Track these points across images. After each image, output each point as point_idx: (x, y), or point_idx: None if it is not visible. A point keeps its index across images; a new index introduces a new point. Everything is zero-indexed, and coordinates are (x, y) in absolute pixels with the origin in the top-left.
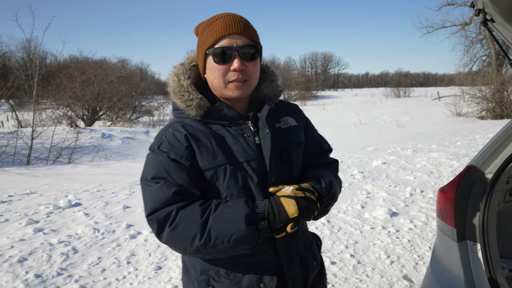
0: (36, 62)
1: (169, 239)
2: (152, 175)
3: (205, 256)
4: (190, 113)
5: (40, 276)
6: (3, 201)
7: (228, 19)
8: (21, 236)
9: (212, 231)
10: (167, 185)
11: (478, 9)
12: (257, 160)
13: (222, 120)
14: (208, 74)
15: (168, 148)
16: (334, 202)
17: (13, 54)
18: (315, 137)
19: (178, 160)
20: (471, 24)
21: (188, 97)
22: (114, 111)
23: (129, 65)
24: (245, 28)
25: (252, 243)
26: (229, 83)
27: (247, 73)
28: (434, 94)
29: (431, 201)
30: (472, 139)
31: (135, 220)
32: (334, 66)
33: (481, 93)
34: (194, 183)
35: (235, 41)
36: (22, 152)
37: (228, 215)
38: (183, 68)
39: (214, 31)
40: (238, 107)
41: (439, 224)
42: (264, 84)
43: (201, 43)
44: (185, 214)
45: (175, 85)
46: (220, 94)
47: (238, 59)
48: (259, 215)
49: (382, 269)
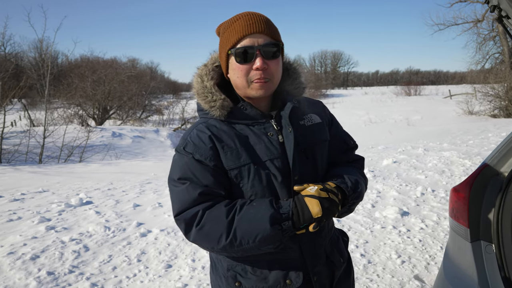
0: (48, 62)
1: (197, 238)
2: (178, 176)
3: (231, 254)
4: (214, 114)
5: (52, 274)
6: (16, 199)
7: (249, 18)
8: (34, 234)
9: (237, 231)
10: (193, 186)
11: (493, 5)
12: (280, 159)
13: (245, 119)
14: (231, 74)
15: (193, 149)
16: (359, 201)
17: (26, 54)
18: (340, 133)
19: (202, 160)
20: (484, 21)
21: (211, 98)
22: (124, 110)
23: (139, 64)
24: (266, 26)
25: (276, 242)
26: (252, 82)
27: (269, 72)
28: (446, 92)
29: (442, 200)
30: (485, 138)
31: (145, 219)
32: (343, 64)
33: (494, 91)
34: (219, 183)
35: (256, 40)
36: (35, 151)
37: (253, 215)
38: (206, 69)
39: (236, 31)
40: (261, 106)
41: (452, 224)
42: (287, 82)
43: (223, 43)
44: (211, 214)
45: (199, 87)
46: (244, 94)
47: (260, 58)
48: (284, 215)
49: (393, 269)
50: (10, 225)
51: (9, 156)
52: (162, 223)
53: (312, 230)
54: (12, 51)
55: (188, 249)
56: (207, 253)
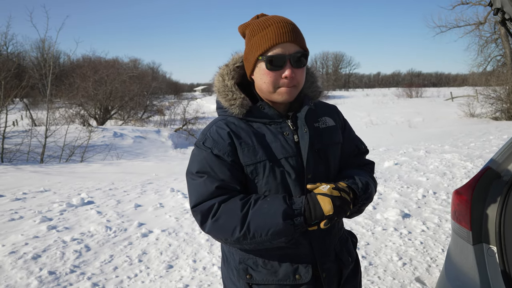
0: (50, 62)
1: (211, 229)
2: (196, 169)
3: (243, 247)
4: (233, 112)
5: (53, 273)
6: (17, 199)
7: (281, 26)
8: (35, 233)
9: (251, 224)
10: (210, 179)
11: (497, 8)
12: (295, 157)
13: (263, 118)
14: (257, 78)
15: (212, 144)
16: (369, 202)
17: (28, 54)
18: (353, 138)
19: (221, 155)
20: (486, 23)
21: (231, 97)
22: (126, 110)
23: (140, 65)
24: (296, 35)
25: (288, 236)
26: (279, 88)
27: (296, 79)
28: (447, 94)
29: (444, 202)
30: (486, 140)
31: (146, 219)
32: (345, 66)
33: (496, 93)
34: (235, 178)
35: (287, 49)
36: (36, 151)
37: (266, 210)
38: (227, 69)
39: (268, 37)
40: (278, 107)
41: (454, 227)
42: (305, 85)
43: (252, 47)
44: (226, 207)
45: (219, 85)
46: (266, 97)
47: (290, 67)
48: (296, 211)
49: (394, 271)
50: (11, 224)
51: (11, 155)
52: (163, 223)
53: (323, 227)
54: (15, 51)
55: (189, 249)
56: (208, 254)
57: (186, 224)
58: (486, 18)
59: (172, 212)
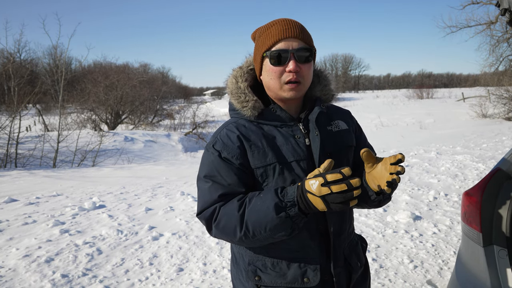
0: (62, 68)
1: (216, 233)
2: (204, 173)
3: (250, 245)
4: (245, 114)
5: (66, 276)
6: (31, 203)
7: (285, 24)
8: (48, 237)
9: (248, 223)
10: (215, 187)
11: (504, 8)
12: (306, 160)
13: (274, 121)
14: (264, 76)
15: (221, 147)
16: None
17: (40, 61)
18: (365, 144)
19: (229, 158)
20: (497, 22)
21: (244, 99)
22: (136, 115)
23: (150, 70)
24: (301, 31)
25: (288, 229)
26: (284, 84)
27: (301, 75)
28: (459, 95)
29: (455, 204)
30: (499, 141)
31: (157, 222)
32: (354, 67)
33: (508, 93)
34: (242, 182)
35: (291, 44)
36: (49, 155)
37: (259, 206)
38: (241, 71)
39: (271, 35)
40: (290, 110)
41: (464, 229)
42: (317, 88)
43: (258, 46)
44: (224, 209)
45: (233, 87)
46: (275, 95)
47: (293, 61)
48: (288, 203)
49: (405, 274)
50: (25, 228)
51: (24, 160)
52: (174, 226)
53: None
54: (27, 58)
55: (199, 252)
56: (218, 257)
57: (196, 227)
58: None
59: (182, 216)
